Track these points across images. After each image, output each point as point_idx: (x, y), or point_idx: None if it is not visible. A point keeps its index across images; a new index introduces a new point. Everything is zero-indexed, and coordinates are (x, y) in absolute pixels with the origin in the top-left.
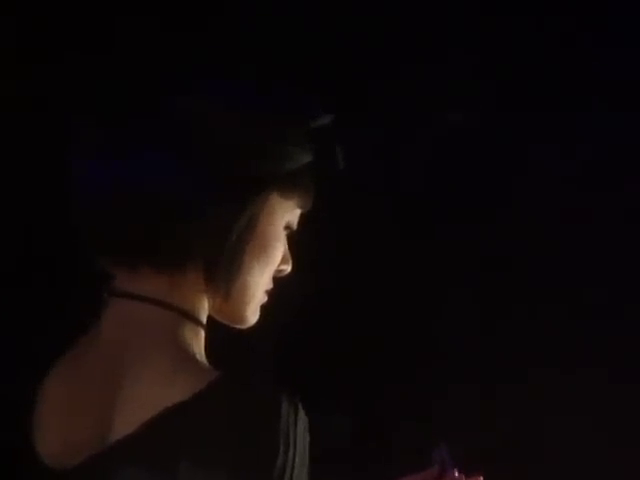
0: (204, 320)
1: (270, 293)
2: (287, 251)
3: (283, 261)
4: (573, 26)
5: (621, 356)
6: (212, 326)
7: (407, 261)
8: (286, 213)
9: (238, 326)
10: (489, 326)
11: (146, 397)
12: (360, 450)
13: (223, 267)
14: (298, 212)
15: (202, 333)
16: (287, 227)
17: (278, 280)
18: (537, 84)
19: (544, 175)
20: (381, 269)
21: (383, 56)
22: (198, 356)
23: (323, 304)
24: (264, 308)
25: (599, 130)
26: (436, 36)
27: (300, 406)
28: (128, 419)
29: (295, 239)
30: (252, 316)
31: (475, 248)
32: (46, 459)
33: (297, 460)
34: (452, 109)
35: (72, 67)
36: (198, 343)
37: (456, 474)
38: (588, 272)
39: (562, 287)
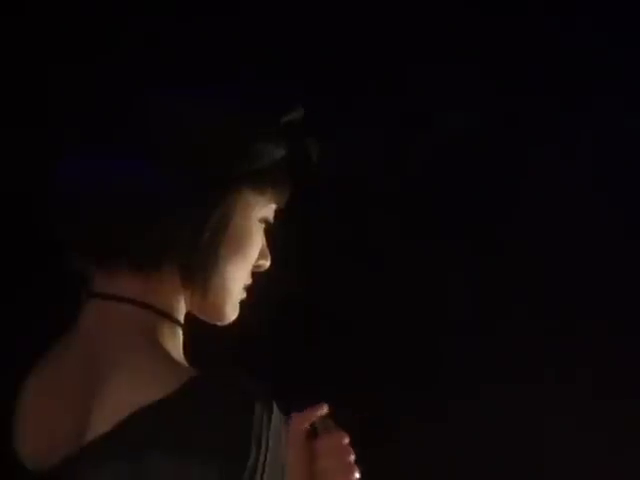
0: (182, 319)
1: (250, 289)
2: (265, 246)
3: (261, 256)
4: (575, 27)
5: (622, 357)
6: (202, 326)
7: (406, 262)
8: (261, 208)
9: (218, 322)
10: (490, 326)
11: (123, 396)
12: (358, 451)
13: (199, 264)
14: (273, 207)
15: (180, 332)
16: (263, 222)
17: (258, 276)
18: (538, 85)
19: (545, 176)
20: (382, 270)
21: (384, 57)
22: (176, 355)
23: (322, 304)
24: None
25: (602, 131)
26: (437, 37)
27: (274, 405)
28: (105, 418)
29: (290, 236)
30: (231, 312)
31: (476, 248)
32: (25, 459)
33: (269, 459)
34: (453, 111)
35: (53, 68)
36: (176, 342)
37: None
38: (590, 273)
39: (564, 288)
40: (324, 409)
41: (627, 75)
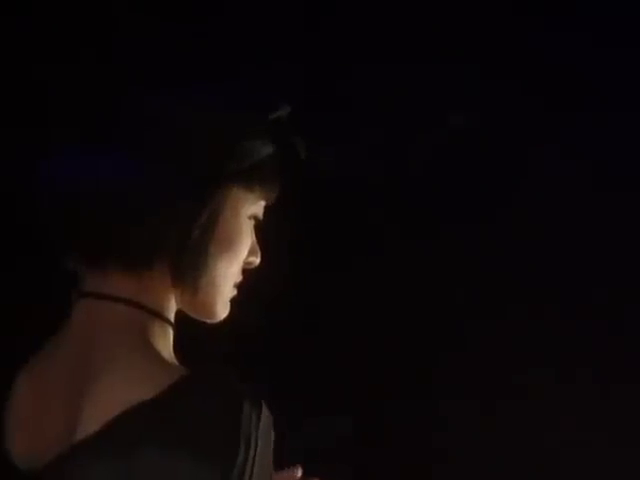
0: (172, 318)
1: (240, 287)
2: (255, 243)
3: (251, 253)
4: (575, 26)
5: (621, 357)
6: (196, 326)
7: (408, 261)
8: (251, 205)
9: (209, 320)
10: (490, 326)
11: (115, 395)
12: (361, 450)
13: (188, 262)
14: (263, 204)
15: (170, 331)
16: (253, 218)
17: (255, 276)
18: (538, 85)
19: (545, 176)
20: (383, 269)
21: (385, 56)
22: (167, 354)
23: (321, 304)
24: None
25: (602, 130)
26: (438, 36)
27: (264, 405)
28: (96, 417)
29: (289, 236)
30: (222, 310)
31: (476, 248)
32: (16, 458)
33: (257, 459)
34: (453, 110)
35: (41, 68)
36: (167, 342)
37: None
38: (590, 272)
39: (565, 287)
40: (299, 471)
41: (627, 75)
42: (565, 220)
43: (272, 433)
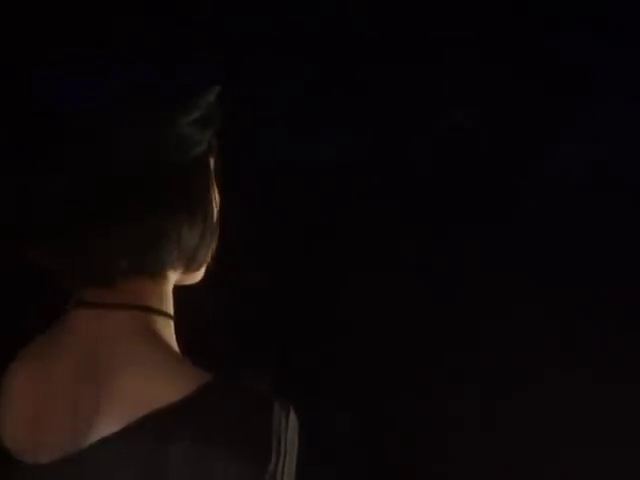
0: (171, 310)
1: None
2: None
3: None
4: (577, 25)
5: (622, 357)
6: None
7: (409, 261)
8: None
9: (194, 282)
10: (490, 325)
11: (137, 395)
12: (360, 450)
13: (206, 247)
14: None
15: (172, 325)
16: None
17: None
18: (539, 85)
19: (545, 175)
20: (384, 269)
21: (386, 54)
22: (174, 349)
23: (324, 302)
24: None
25: (603, 129)
26: (439, 34)
27: (292, 410)
28: (117, 416)
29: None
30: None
31: (477, 248)
32: (18, 454)
33: (287, 465)
34: (454, 108)
35: None
36: (172, 337)
37: None
38: (590, 272)
39: (565, 287)
40: None
41: (627, 75)
42: (566, 219)
43: (297, 438)
